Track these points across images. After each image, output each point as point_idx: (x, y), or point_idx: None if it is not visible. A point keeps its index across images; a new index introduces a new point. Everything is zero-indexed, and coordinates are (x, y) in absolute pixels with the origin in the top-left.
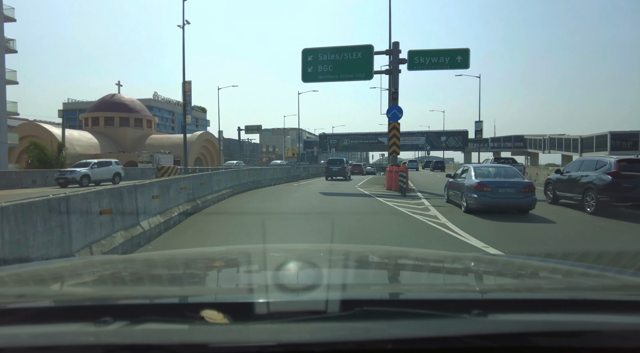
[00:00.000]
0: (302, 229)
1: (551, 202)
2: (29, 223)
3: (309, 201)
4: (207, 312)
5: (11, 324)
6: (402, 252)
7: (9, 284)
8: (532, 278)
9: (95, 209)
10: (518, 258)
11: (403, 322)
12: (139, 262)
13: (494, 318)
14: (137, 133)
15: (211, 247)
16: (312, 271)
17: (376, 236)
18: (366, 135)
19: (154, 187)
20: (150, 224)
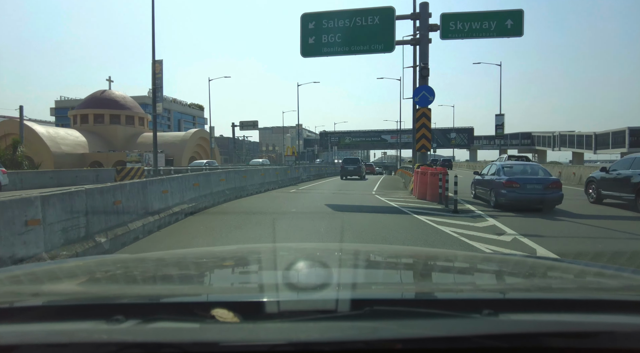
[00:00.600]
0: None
1: (594, 201)
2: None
3: (312, 226)
4: (218, 311)
5: (26, 322)
6: (412, 251)
7: (24, 282)
8: (544, 277)
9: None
10: (530, 258)
11: (413, 322)
12: (150, 261)
13: (505, 318)
14: (129, 131)
15: (221, 247)
16: (322, 270)
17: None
18: (368, 133)
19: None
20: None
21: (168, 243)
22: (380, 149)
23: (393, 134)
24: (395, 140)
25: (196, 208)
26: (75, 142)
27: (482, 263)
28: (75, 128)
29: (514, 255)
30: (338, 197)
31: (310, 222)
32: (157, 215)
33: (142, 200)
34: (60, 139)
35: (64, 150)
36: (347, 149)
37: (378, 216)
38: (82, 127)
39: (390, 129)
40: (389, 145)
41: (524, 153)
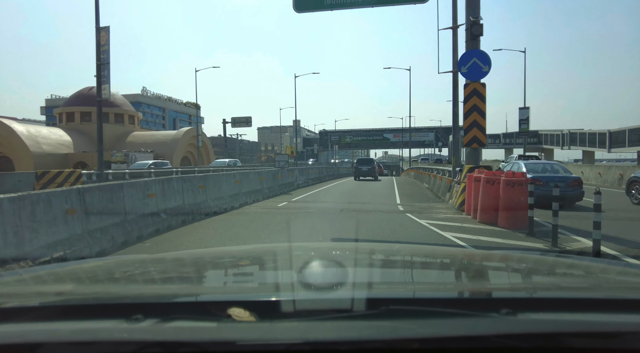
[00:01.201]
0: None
1: (639, 202)
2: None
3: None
4: (235, 310)
5: (51, 320)
6: (429, 250)
7: (48, 282)
8: (564, 276)
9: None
10: (550, 257)
11: (430, 321)
12: (167, 261)
13: (525, 317)
14: (118, 130)
15: (237, 246)
16: (338, 269)
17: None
18: (370, 132)
19: None
20: None
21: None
22: (382, 149)
23: (396, 133)
24: (398, 139)
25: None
26: (59, 141)
27: (500, 262)
28: (61, 127)
29: (533, 254)
30: (350, 220)
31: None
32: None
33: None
34: (41, 138)
35: (45, 150)
36: (348, 149)
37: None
38: (68, 126)
39: (393, 128)
40: (391, 144)
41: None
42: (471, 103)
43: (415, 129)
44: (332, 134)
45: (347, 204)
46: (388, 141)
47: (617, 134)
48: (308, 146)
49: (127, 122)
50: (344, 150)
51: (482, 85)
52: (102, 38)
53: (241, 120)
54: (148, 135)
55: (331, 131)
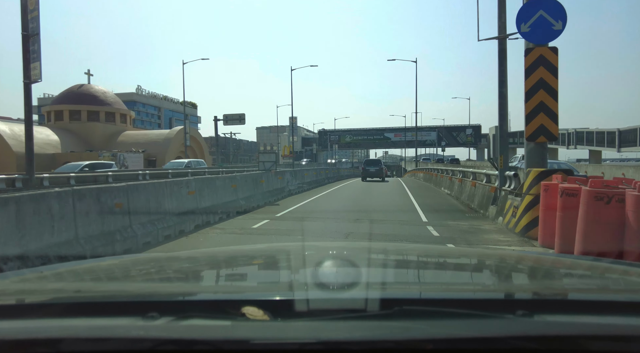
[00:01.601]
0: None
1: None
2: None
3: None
4: (248, 309)
5: (70, 316)
6: (442, 250)
7: (67, 279)
8: (583, 278)
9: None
10: (567, 258)
11: (444, 322)
12: (182, 259)
13: (541, 319)
14: (109, 129)
15: (251, 245)
16: (351, 269)
17: None
18: (370, 131)
19: None
20: None
21: None
22: (383, 148)
23: (397, 132)
24: (400, 139)
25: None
26: (45, 141)
27: (515, 263)
28: (49, 126)
29: (550, 255)
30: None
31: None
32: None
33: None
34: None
35: None
36: (348, 148)
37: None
38: (56, 125)
39: (394, 127)
40: (391, 144)
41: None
42: (535, 77)
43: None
44: (332, 133)
45: (354, 223)
46: (389, 140)
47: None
48: (307, 146)
49: (118, 121)
50: (344, 149)
51: (553, 51)
52: (30, 2)
53: (234, 117)
54: (140, 135)
55: (331, 130)
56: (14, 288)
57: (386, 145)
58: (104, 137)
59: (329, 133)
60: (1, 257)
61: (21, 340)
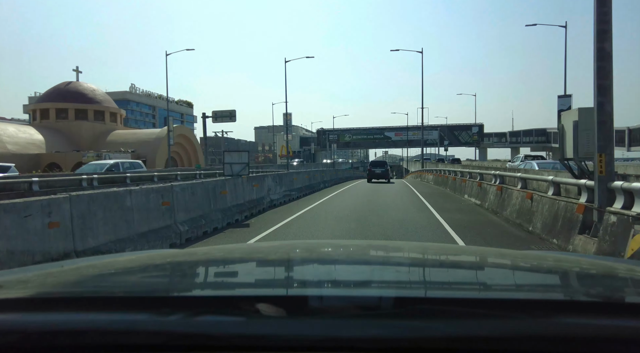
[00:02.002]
0: None
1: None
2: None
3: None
4: (262, 305)
5: (89, 310)
6: (458, 249)
7: (86, 274)
8: (604, 279)
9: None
10: (588, 258)
11: (459, 322)
12: (198, 255)
13: (561, 320)
14: (98, 128)
15: (266, 242)
16: (366, 267)
17: None
18: (370, 130)
19: None
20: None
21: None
22: (383, 148)
23: (398, 131)
24: (400, 138)
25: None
26: (28, 140)
27: (534, 262)
28: (35, 125)
29: (572, 254)
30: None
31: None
32: None
33: None
34: (7, 137)
35: (11, 150)
36: (347, 148)
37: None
38: (42, 124)
39: (395, 126)
40: (392, 143)
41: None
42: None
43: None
44: (331, 132)
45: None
46: (389, 140)
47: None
48: (305, 145)
49: (108, 120)
50: (343, 149)
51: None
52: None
53: (224, 114)
54: (130, 134)
55: (329, 130)
56: (37, 282)
57: (386, 145)
58: (92, 137)
59: (328, 132)
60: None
61: (45, 332)
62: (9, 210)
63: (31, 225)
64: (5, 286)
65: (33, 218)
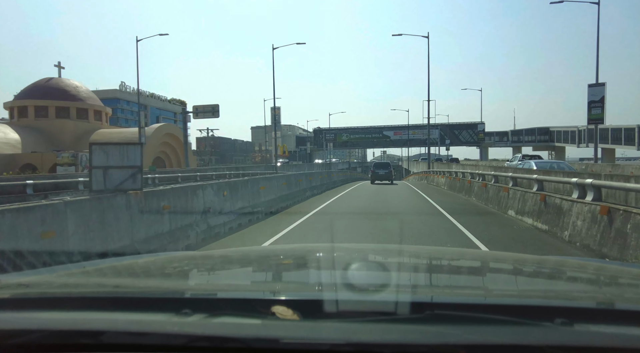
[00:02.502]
0: None
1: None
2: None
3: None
4: (278, 308)
5: (110, 310)
6: (476, 254)
7: (107, 275)
8: (630, 286)
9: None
10: (613, 264)
11: (478, 328)
12: (216, 258)
13: (582, 328)
14: (81, 127)
15: (282, 245)
16: (382, 271)
17: None
18: (368, 129)
19: None
20: None
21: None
22: (382, 147)
23: (397, 130)
24: (400, 137)
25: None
26: (3, 140)
27: (555, 268)
28: (12, 123)
29: (594, 261)
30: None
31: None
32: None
33: None
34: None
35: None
36: (345, 147)
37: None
38: (19, 122)
39: (394, 125)
40: (391, 143)
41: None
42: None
43: (415, 126)
44: (328, 132)
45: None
46: (388, 139)
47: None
48: (302, 145)
49: (92, 118)
50: (340, 149)
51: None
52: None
53: (205, 109)
54: (115, 133)
55: (326, 129)
56: (60, 282)
57: (385, 144)
58: (74, 136)
59: (325, 131)
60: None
61: (67, 331)
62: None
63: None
64: (30, 286)
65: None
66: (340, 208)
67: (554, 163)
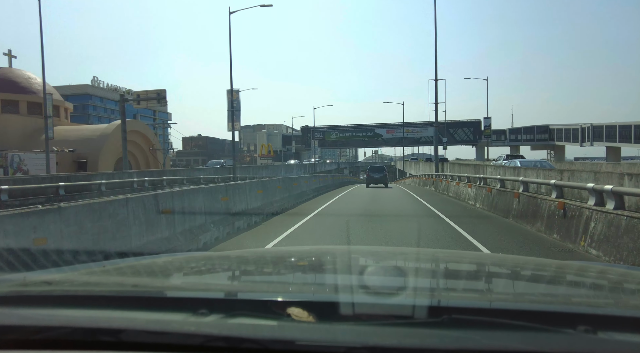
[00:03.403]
0: None
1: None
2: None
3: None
4: (294, 310)
5: (129, 309)
6: (494, 257)
7: (127, 274)
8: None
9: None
10: (637, 270)
11: (497, 333)
12: (233, 259)
13: (607, 337)
14: (32, 123)
15: (298, 247)
16: (398, 274)
17: None
18: (359, 127)
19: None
20: None
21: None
22: (373, 147)
23: (390, 128)
24: (392, 135)
25: None
26: None
27: (578, 273)
28: None
29: (617, 266)
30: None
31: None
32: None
33: None
34: None
35: None
36: (335, 147)
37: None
38: None
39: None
40: (383, 141)
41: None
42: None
43: (409, 124)
44: (316, 130)
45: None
46: (380, 138)
47: None
48: (289, 144)
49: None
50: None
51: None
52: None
53: (150, 95)
54: (72, 131)
55: (314, 127)
56: (81, 280)
57: (377, 144)
58: (25, 133)
59: (313, 130)
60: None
61: (88, 328)
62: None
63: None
64: (53, 283)
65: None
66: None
67: (537, 161)
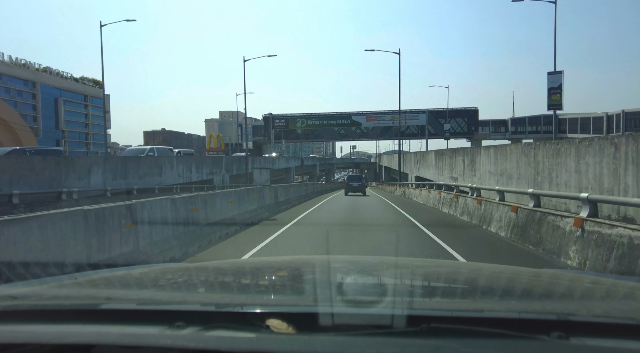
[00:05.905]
0: None
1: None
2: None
3: None
4: (273, 321)
5: (101, 323)
6: (472, 266)
7: (100, 286)
8: (626, 299)
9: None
10: (608, 277)
11: (474, 341)
12: (210, 270)
13: (579, 342)
14: None
15: (277, 257)
16: (377, 284)
17: None
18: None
19: None
20: None
21: None
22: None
23: (370, 115)
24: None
25: None
26: None
27: (551, 281)
28: None
29: (590, 274)
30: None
31: None
32: None
33: None
34: None
35: None
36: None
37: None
38: None
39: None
40: (362, 132)
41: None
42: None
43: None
44: (279, 118)
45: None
46: (359, 127)
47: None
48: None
49: None
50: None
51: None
52: None
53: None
54: None
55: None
56: (51, 294)
57: (354, 136)
58: None
59: (276, 119)
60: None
61: (57, 345)
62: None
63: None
64: (19, 297)
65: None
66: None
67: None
